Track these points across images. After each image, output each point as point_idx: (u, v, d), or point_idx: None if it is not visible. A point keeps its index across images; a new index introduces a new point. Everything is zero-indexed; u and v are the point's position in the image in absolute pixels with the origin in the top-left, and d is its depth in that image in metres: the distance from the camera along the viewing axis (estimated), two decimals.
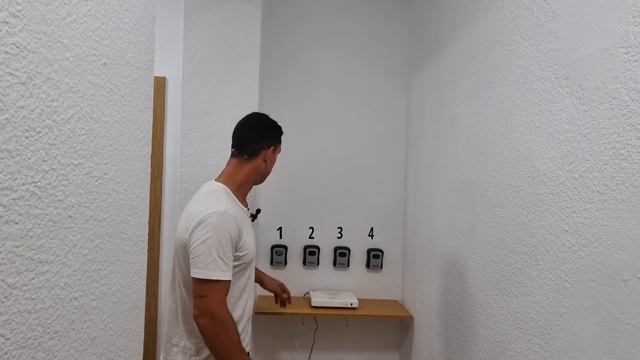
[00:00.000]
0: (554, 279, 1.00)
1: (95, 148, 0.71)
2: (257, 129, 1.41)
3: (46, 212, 0.58)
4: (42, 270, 0.58)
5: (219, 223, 1.20)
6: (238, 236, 1.25)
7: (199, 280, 1.18)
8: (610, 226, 0.82)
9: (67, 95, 0.62)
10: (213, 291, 1.18)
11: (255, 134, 1.40)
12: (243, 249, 1.29)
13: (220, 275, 1.18)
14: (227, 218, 1.22)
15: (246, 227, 1.33)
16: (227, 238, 1.21)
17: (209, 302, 1.17)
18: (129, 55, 0.82)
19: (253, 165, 1.38)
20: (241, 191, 1.38)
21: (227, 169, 1.39)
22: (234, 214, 1.24)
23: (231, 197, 1.32)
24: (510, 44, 1.23)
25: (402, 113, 2.34)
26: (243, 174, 1.37)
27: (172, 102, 2.10)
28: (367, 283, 2.33)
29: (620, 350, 0.79)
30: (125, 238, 0.84)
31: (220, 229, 1.19)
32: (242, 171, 1.37)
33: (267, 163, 1.41)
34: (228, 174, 1.37)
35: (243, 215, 1.33)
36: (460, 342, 1.52)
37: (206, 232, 1.19)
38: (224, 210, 1.22)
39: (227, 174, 1.38)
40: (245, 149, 1.38)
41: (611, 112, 0.83)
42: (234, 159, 1.39)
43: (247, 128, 1.42)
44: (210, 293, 1.18)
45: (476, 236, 1.42)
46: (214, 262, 1.18)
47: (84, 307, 0.70)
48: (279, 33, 2.28)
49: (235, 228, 1.23)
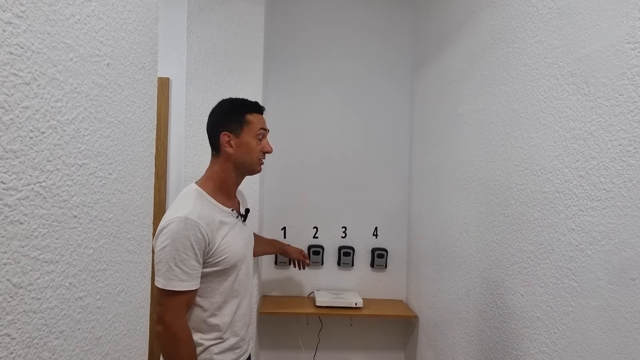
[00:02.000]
0: (560, 277, 0.99)
1: (100, 148, 0.71)
2: (210, 121, 1.33)
3: (51, 212, 0.59)
4: (48, 270, 0.59)
5: (178, 230, 1.13)
6: (205, 242, 1.17)
7: (159, 288, 1.15)
8: (618, 224, 0.82)
9: (72, 96, 0.63)
10: (169, 301, 1.14)
11: (210, 127, 1.32)
12: (218, 254, 1.21)
13: (177, 285, 1.14)
14: (187, 224, 1.14)
15: (225, 229, 1.24)
16: (187, 245, 1.14)
17: (164, 311, 1.15)
18: (132, 56, 0.82)
19: (222, 159, 1.30)
20: (224, 190, 1.30)
21: (207, 169, 1.34)
22: (197, 219, 1.15)
23: (205, 199, 1.24)
24: (515, 41, 1.22)
25: (406, 112, 2.33)
26: (217, 171, 1.30)
27: (176, 103, 2.11)
28: (371, 282, 2.33)
29: (629, 350, 0.78)
30: (129, 238, 0.84)
31: (178, 236, 1.13)
32: (215, 168, 1.30)
33: (235, 150, 1.28)
34: (206, 174, 1.32)
35: (221, 216, 1.24)
36: (465, 342, 1.51)
37: (165, 239, 1.15)
38: (185, 217, 1.15)
39: (206, 174, 1.32)
40: (212, 145, 1.32)
41: (618, 108, 0.82)
42: (211, 157, 1.34)
43: (208, 121, 1.34)
44: (166, 302, 1.15)
45: (481, 235, 1.41)
46: (170, 271, 1.13)
47: (89, 306, 0.70)
48: (282, 33, 2.28)
49: (198, 235, 1.15)
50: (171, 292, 1.14)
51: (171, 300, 1.15)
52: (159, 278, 1.15)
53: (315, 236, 2.30)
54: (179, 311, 1.16)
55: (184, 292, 1.15)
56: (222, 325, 1.25)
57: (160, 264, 1.15)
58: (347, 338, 2.32)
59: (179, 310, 1.16)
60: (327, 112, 2.30)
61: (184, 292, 1.15)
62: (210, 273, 1.21)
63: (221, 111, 1.32)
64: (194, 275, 1.17)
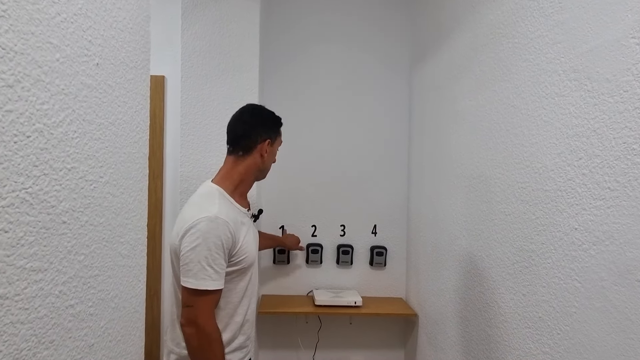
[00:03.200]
0: (563, 277, 0.97)
1: (90, 151, 0.69)
2: (250, 123, 1.34)
3: (38, 219, 0.56)
4: (35, 279, 0.57)
5: (209, 229, 1.14)
6: (232, 242, 1.19)
7: (188, 289, 1.14)
8: (623, 224, 0.80)
9: (59, 98, 0.60)
10: (201, 302, 1.14)
11: (249, 128, 1.32)
12: (240, 253, 1.23)
13: (210, 284, 1.14)
14: (218, 224, 1.15)
15: (244, 230, 1.27)
16: (218, 245, 1.15)
17: (196, 312, 1.13)
18: (123, 55, 0.80)
19: (249, 161, 1.32)
20: (239, 190, 1.32)
21: (223, 168, 1.33)
22: (226, 218, 1.18)
23: (226, 199, 1.26)
24: (516, 36, 1.20)
25: (404, 108, 2.31)
26: (239, 172, 1.31)
27: (171, 101, 2.08)
28: (370, 281, 2.31)
29: (634, 352, 0.77)
30: (123, 242, 0.82)
31: (209, 235, 1.13)
32: (238, 169, 1.31)
33: (265, 158, 1.34)
34: (224, 173, 1.32)
35: (240, 217, 1.28)
36: (466, 341, 1.50)
37: (195, 238, 1.14)
38: (215, 216, 1.16)
39: (224, 173, 1.32)
40: (240, 145, 1.32)
41: (622, 105, 0.80)
42: (229, 156, 1.33)
43: (241, 122, 1.34)
44: (198, 304, 1.14)
45: (482, 234, 1.39)
46: (203, 271, 1.13)
47: (81, 314, 0.68)
48: (278, 29, 2.25)
49: (227, 234, 1.17)
50: (202, 292, 1.14)
51: (203, 300, 1.14)
52: (189, 279, 1.13)
53: (313, 234, 2.28)
54: (211, 311, 1.16)
55: (215, 292, 1.16)
56: (234, 324, 1.26)
57: (191, 264, 1.13)
58: (347, 337, 2.30)
59: (211, 311, 1.16)
60: (325, 110, 2.28)
61: (214, 291, 1.15)
62: (230, 272, 1.22)
63: (262, 117, 1.37)
64: (223, 275, 1.18)
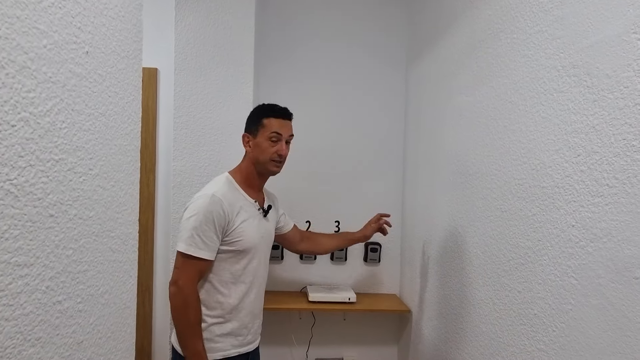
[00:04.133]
0: (559, 275, 0.97)
1: (79, 142, 0.67)
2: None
3: (24, 212, 0.54)
4: (21, 274, 0.54)
5: (204, 204, 1.28)
6: (225, 220, 1.30)
7: (178, 252, 1.27)
8: (621, 221, 0.79)
9: (46, 86, 0.58)
10: (187, 265, 1.26)
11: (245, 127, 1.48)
12: (234, 235, 1.32)
13: (196, 252, 1.25)
14: (213, 200, 1.28)
15: (244, 215, 1.35)
16: (209, 219, 1.27)
17: (179, 273, 1.26)
18: (114, 44, 0.77)
19: (248, 156, 1.45)
20: (248, 182, 1.43)
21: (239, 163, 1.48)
22: (221, 197, 1.29)
23: (232, 185, 1.39)
24: (514, 31, 1.19)
25: (400, 104, 2.30)
26: (243, 165, 1.45)
27: (164, 94, 2.04)
28: (364, 277, 2.31)
29: (630, 350, 0.76)
30: (113, 236, 0.80)
31: (203, 209, 1.27)
32: (243, 163, 1.46)
33: (252, 149, 1.42)
34: (237, 166, 1.46)
35: (242, 203, 1.37)
36: (460, 337, 1.50)
37: (191, 211, 1.29)
38: (212, 194, 1.29)
39: (237, 166, 1.46)
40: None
41: (622, 101, 0.80)
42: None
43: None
44: (182, 266, 1.27)
45: (477, 230, 1.39)
46: (191, 238, 1.25)
47: (69, 310, 0.66)
48: (274, 22, 2.22)
49: (220, 211, 1.28)
50: (189, 257, 1.26)
51: (188, 265, 1.26)
52: (181, 243, 1.27)
53: (308, 230, 2.26)
54: (193, 277, 1.27)
55: (200, 260, 1.27)
56: (226, 305, 1.34)
57: (184, 231, 1.28)
58: (340, 333, 2.30)
59: (193, 276, 1.27)
60: (320, 105, 2.26)
61: (200, 259, 1.27)
62: (225, 252, 1.32)
63: (250, 115, 1.47)
64: (212, 247, 1.29)
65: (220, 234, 1.30)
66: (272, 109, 1.44)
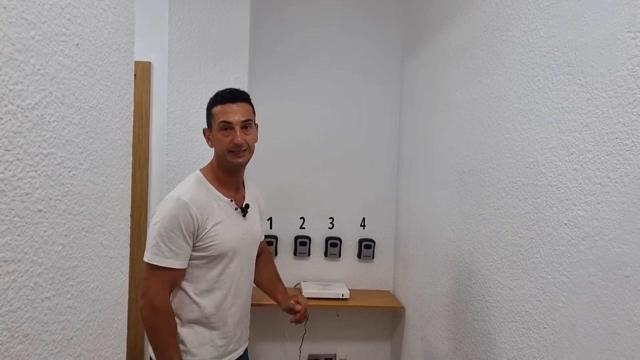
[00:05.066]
0: (551, 272, 0.98)
1: (68, 136, 0.65)
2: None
3: (11, 207, 0.53)
4: (8, 270, 0.54)
5: (170, 209, 1.18)
6: (194, 225, 1.20)
7: (145, 262, 1.20)
8: (613, 219, 0.80)
9: (34, 78, 0.57)
10: (154, 276, 1.18)
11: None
12: (206, 239, 1.22)
13: (162, 261, 1.17)
14: (179, 204, 1.19)
15: (217, 218, 1.25)
16: (175, 225, 1.17)
17: (147, 285, 1.19)
18: (105, 36, 0.76)
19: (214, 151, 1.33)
20: (220, 180, 1.31)
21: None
22: (188, 200, 1.19)
23: (203, 184, 1.27)
24: (510, 29, 1.19)
25: (395, 100, 2.29)
26: (214, 161, 1.34)
27: (157, 88, 2.02)
28: (358, 273, 2.31)
29: (620, 347, 0.77)
30: (104, 232, 0.79)
31: (168, 214, 1.18)
32: (213, 159, 1.34)
33: (213, 143, 1.31)
34: (210, 162, 1.35)
35: (216, 203, 1.26)
36: (452, 334, 1.50)
37: (157, 216, 1.20)
38: (178, 197, 1.20)
39: (210, 162, 1.35)
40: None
41: (616, 100, 0.80)
42: None
43: None
44: (150, 277, 1.19)
45: (470, 227, 1.39)
46: (157, 246, 1.17)
47: (58, 307, 0.65)
48: (268, 16, 2.20)
49: (187, 216, 1.18)
50: (155, 267, 1.17)
51: (155, 275, 1.18)
52: (146, 252, 1.19)
53: (302, 227, 2.26)
54: (162, 287, 1.19)
55: (168, 269, 1.18)
56: (202, 314, 1.25)
57: (149, 239, 1.20)
58: (334, 329, 2.30)
59: (162, 287, 1.19)
60: (315, 101, 2.25)
61: (168, 269, 1.18)
62: (198, 258, 1.23)
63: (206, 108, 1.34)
64: (181, 255, 1.20)
65: (190, 239, 1.20)
66: (216, 95, 1.30)
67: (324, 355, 2.29)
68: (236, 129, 1.25)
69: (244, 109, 1.27)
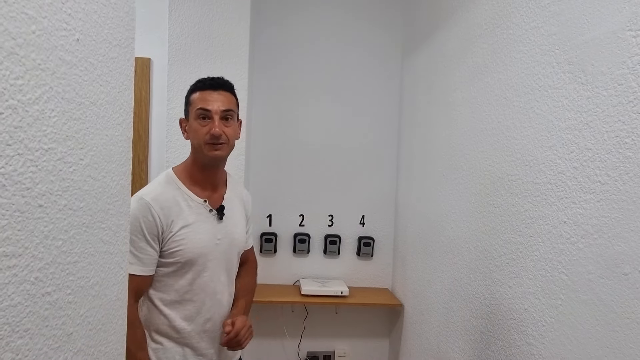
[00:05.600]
0: (550, 270, 0.98)
1: (69, 132, 0.65)
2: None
3: (12, 202, 0.53)
4: (9, 264, 0.54)
5: (132, 210, 1.04)
6: (157, 228, 1.08)
7: None
8: (612, 217, 0.80)
9: (34, 73, 0.57)
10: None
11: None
12: (172, 244, 1.10)
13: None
14: (140, 205, 1.07)
15: (186, 220, 1.12)
16: (136, 227, 1.06)
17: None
18: (106, 32, 0.76)
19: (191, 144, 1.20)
20: (194, 178, 1.18)
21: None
22: (151, 200, 1.07)
23: (172, 183, 1.15)
24: (510, 27, 1.19)
25: (395, 98, 2.29)
26: (189, 157, 1.21)
27: (157, 85, 2.02)
28: (357, 271, 2.32)
29: (618, 345, 0.77)
30: (104, 228, 0.79)
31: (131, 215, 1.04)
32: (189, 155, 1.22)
33: (189, 134, 1.18)
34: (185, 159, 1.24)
35: (186, 206, 1.13)
36: (450, 331, 1.51)
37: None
38: (140, 196, 1.09)
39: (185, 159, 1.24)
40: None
41: (616, 99, 0.80)
42: None
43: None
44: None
45: (469, 225, 1.39)
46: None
47: (59, 302, 0.65)
48: (269, 12, 2.20)
49: (149, 217, 1.07)
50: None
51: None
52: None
53: (301, 224, 2.27)
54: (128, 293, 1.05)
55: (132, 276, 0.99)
56: (171, 328, 1.13)
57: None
58: (333, 326, 2.31)
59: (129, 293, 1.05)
60: (315, 98, 2.24)
61: (132, 275, 1.02)
62: (165, 265, 1.11)
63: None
64: (146, 261, 1.08)
65: (155, 243, 1.08)
66: (197, 82, 1.18)
67: (323, 352, 2.30)
68: (215, 118, 1.12)
69: (225, 98, 1.15)
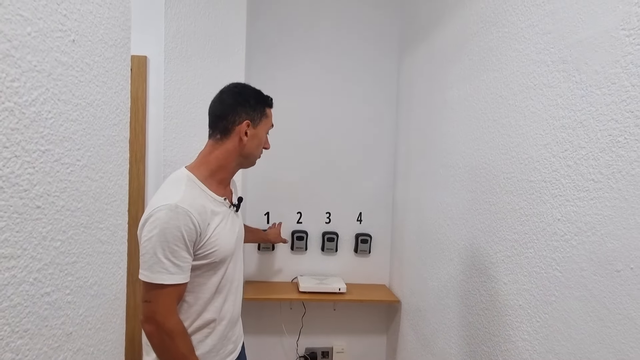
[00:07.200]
0: (544, 267, 0.99)
1: (65, 133, 0.66)
2: (230, 103, 1.20)
3: (10, 203, 0.54)
4: (8, 265, 0.54)
5: (168, 219, 1.03)
6: (196, 234, 1.08)
7: (145, 283, 1.06)
8: (605, 215, 0.81)
9: (31, 75, 0.57)
10: (159, 297, 1.05)
11: (228, 109, 1.20)
12: (208, 247, 1.11)
13: (166, 278, 1.04)
14: (178, 213, 1.04)
15: (217, 220, 1.15)
16: (177, 236, 1.04)
17: (154, 308, 1.05)
18: (101, 32, 0.76)
19: (228, 145, 1.19)
20: (217, 177, 1.20)
21: (201, 153, 1.23)
22: (189, 208, 1.06)
23: (196, 186, 1.15)
24: (505, 25, 1.19)
25: (392, 96, 2.30)
26: (217, 156, 1.19)
27: (153, 83, 2.02)
28: (355, 268, 2.33)
29: (610, 340, 0.79)
30: (102, 228, 0.80)
31: (168, 225, 1.03)
32: (216, 153, 1.19)
33: (245, 141, 1.19)
34: (201, 158, 1.21)
35: (213, 206, 1.15)
36: (447, 327, 1.52)
37: (153, 228, 1.04)
38: (176, 204, 1.05)
39: (201, 157, 1.21)
40: (217, 127, 1.20)
41: (610, 97, 0.81)
42: (209, 140, 1.23)
43: (219, 103, 1.23)
44: (155, 299, 1.05)
45: (465, 222, 1.40)
46: (159, 263, 1.03)
47: (58, 302, 0.66)
48: (265, 10, 2.19)
49: (190, 225, 1.05)
50: (159, 286, 1.04)
51: (161, 295, 1.04)
52: (145, 271, 1.05)
53: (299, 221, 2.27)
54: (172, 307, 1.06)
55: (175, 286, 1.06)
56: (206, 323, 1.17)
57: (147, 256, 1.04)
58: (330, 322, 2.32)
59: (172, 306, 1.06)
60: (312, 95, 2.25)
61: (173, 285, 1.05)
62: (199, 266, 1.12)
63: (246, 97, 1.22)
64: (185, 268, 1.07)
65: (191, 249, 1.09)
66: (266, 96, 1.28)
67: (321, 348, 2.32)
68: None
69: None
